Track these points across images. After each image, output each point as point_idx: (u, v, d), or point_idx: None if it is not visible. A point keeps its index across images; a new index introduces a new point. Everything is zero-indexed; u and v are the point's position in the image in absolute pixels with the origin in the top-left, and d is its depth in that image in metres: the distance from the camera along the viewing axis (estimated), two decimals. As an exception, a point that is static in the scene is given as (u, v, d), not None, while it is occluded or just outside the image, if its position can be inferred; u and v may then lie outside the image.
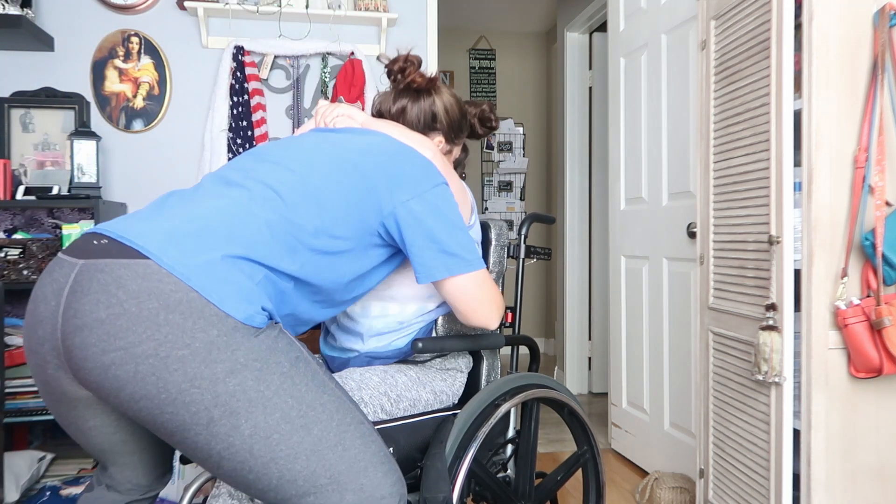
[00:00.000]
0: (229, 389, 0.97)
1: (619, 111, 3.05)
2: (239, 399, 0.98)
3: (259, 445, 1.00)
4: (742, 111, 1.72)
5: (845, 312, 1.50)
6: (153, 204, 1.16)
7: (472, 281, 1.30)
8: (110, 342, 0.94)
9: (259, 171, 1.19)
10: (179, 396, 0.96)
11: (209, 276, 1.00)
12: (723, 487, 1.83)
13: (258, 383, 1.00)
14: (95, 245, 1.02)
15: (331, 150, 1.26)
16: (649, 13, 2.78)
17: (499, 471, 1.67)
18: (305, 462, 1.03)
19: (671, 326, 2.61)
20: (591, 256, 4.17)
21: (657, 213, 2.71)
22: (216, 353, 0.97)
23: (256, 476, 1.02)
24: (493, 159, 5.50)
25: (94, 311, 0.95)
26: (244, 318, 1.00)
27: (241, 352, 0.99)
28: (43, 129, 2.78)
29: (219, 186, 1.17)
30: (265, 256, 1.08)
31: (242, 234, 1.07)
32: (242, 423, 0.98)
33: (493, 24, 5.47)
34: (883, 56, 1.53)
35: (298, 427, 1.02)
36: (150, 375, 0.95)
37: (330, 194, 1.18)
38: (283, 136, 3.03)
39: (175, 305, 0.96)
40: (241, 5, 2.90)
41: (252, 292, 1.04)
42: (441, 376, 1.60)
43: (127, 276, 0.97)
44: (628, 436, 2.95)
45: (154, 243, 1.01)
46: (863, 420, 1.56)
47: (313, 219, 1.15)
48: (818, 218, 1.54)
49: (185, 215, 1.08)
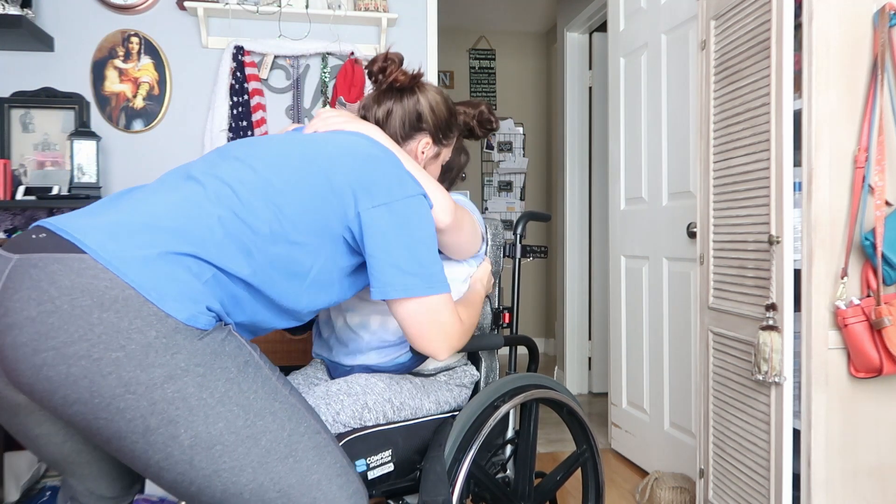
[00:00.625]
0: (167, 396, 0.91)
1: (619, 111, 3.05)
2: (178, 407, 0.91)
3: (200, 457, 0.93)
4: (742, 111, 1.71)
5: (845, 312, 1.49)
6: (108, 198, 1.09)
7: (427, 307, 1.18)
8: (41, 342, 0.88)
9: (220, 168, 1.11)
10: (113, 402, 0.89)
11: (149, 273, 0.92)
12: (723, 487, 1.83)
13: (200, 390, 0.93)
14: (33, 239, 0.96)
15: (300, 150, 1.17)
16: (649, 13, 2.78)
17: (498, 471, 1.67)
18: (252, 475, 0.97)
19: (671, 326, 2.60)
20: (591, 256, 4.17)
21: (657, 213, 2.71)
22: (153, 356, 0.90)
23: (199, 489, 0.96)
24: (493, 159, 5.50)
25: (25, 308, 0.89)
26: (186, 318, 0.93)
27: (182, 355, 0.92)
28: (43, 129, 2.78)
29: (177, 180, 1.10)
30: (215, 256, 1.00)
31: (192, 231, 1.00)
32: (182, 433, 0.92)
33: (493, 24, 5.47)
34: (883, 56, 1.52)
35: (244, 437, 0.96)
36: (82, 378, 0.88)
37: (290, 197, 1.10)
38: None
39: (110, 303, 0.89)
40: (241, 5, 2.90)
41: (198, 291, 0.96)
42: (446, 387, 1.60)
43: (60, 271, 0.90)
44: (628, 436, 2.94)
45: (92, 237, 0.94)
46: (863, 420, 1.56)
47: (270, 222, 1.07)
48: (818, 218, 1.53)
49: (132, 210, 1.01)
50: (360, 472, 1.33)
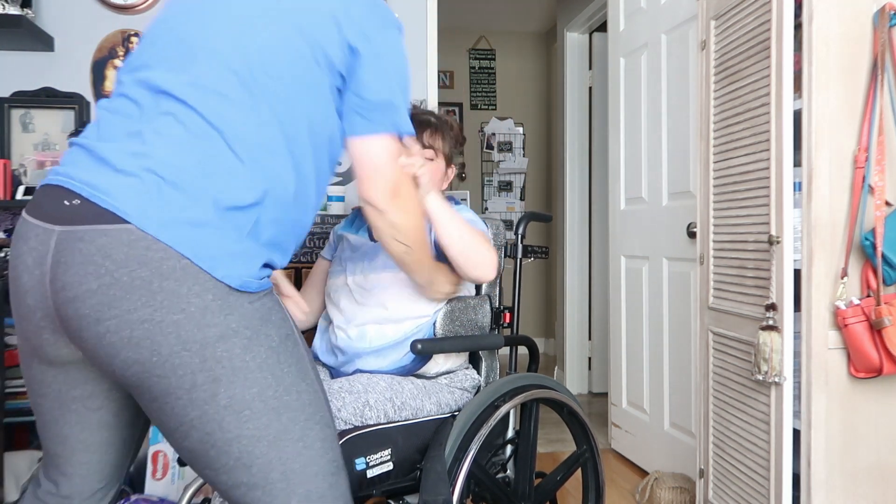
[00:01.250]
0: (217, 355, 0.95)
1: (619, 111, 3.05)
2: (224, 366, 0.95)
3: (230, 419, 0.96)
4: (742, 111, 1.71)
5: (845, 312, 1.49)
6: (98, 130, 1.03)
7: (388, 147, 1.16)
8: (104, 311, 0.92)
9: (195, 72, 1.02)
10: (170, 359, 0.93)
11: (199, 240, 0.95)
12: (723, 487, 1.83)
13: (245, 352, 0.97)
14: (67, 207, 0.96)
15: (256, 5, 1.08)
16: (649, 13, 2.78)
17: (498, 471, 1.67)
18: (265, 448, 0.99)
19: (671, 326, 2.60)
20: (591, 256, 4.17)
21: (657, 213, 2.71)
22: (210, 316, 0.94)
23: (217, 452, 0.98)
24: (493, 159, 5.50)
25: (84, 282, 0.92)
26: (239, 284, 0.97)
27: (234, 317, 0.96)
28: (43, 129, 2.77)
29: (158, 101, 1.01)
30: (242, 194, 0.99)
31: (219, 174, 0.98)
32: (221, 392, 0.96)
33: (493, 24, 5.47)
34: (883, 56, 1.52)
35: (271, 409, 0.99)
36: (144, 339, 0.93)
37: (283, 82, 1.04)
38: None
39: (169, 272, 0.92)
40: (240, 5, 2.90)
41: (246, 251, 0.99)
42: (448, 390, 1.60)
43: (110, 244, 0.92)
44: (628, 436, 2.94)
45: (129, 201, 0.94)
46: (863, 420, 1.56)
47: (274, 107, 1.03)
48: (818, 218, 1.53)
49: (149, 156, 0.96)
50: (360, 470, 1.33)
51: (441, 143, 1.65)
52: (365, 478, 1.34)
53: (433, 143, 1.62)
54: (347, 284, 1.60)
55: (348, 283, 1.61)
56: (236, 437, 0.97)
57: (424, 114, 1.67)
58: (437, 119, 1.67)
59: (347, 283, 1.61)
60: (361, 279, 1.59)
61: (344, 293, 1.61)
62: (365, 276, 1.59)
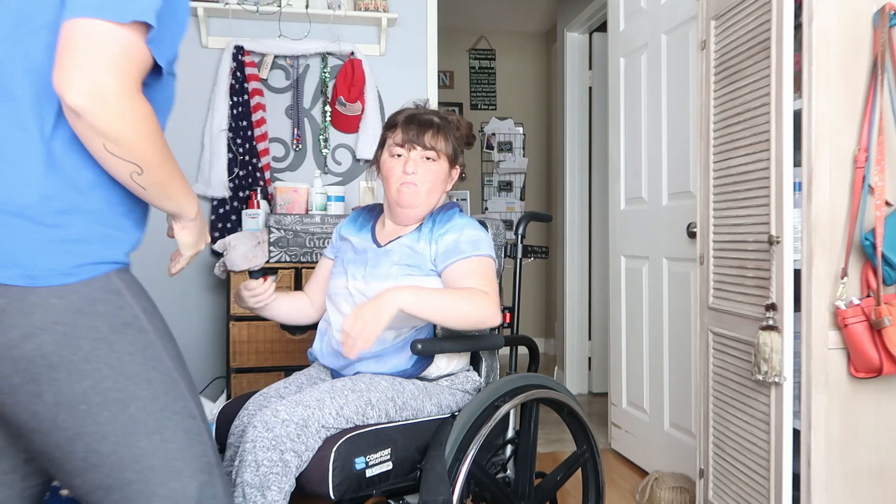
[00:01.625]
0: (27, 354, 0.89)
1: (619, 111, 3.05)
2: (38, 364, 0.89)
3: (64, 415, 0.90)
4: (742, 111, 1.71)
5: (845, 312, 1.49)
6: None
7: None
8: None
9: None
10: None
11: None
12: (723, 487, 1.83)
13: (60, 347, 0.90)
14: None
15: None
16: (649, 13, 2.78)
17: (498, 471, 1.67)
18: (114, 445, 0.91)
19: (671, 326, 2.60)
20: (591, 256, 4.17)
21: (657, 213, 2.71)
22: (8, 319, 0.89)
23: (62, 453, 0.92)
24: (492, 159, 5.50)
25: None
26: (27, 283, 0.90)
27: (38, 315, 0.89)
28: (43, 129, 2.77)
29: None
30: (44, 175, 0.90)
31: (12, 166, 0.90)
32: (45, 390, 0.90)
33: (493, 24, 5.47)
34: (883, 56, 1.52)
35: (112, 400, 0.91)
36: None
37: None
38: (283, 137, 3.03)
39: None
40: (240, 5, 2.90)
41: (37, 243, 0.91)
42: (448, 391, 1.60)
43: None
44: (628, 436, 2.94)
45: None
46: (863, 420, 1.56)
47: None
48: (818, 218, 1.54)
49: None
50: (359, 469, 1.33)
51: (444, 144, 1.62)
52: (364, 477, 1.34)
53: (435, 145, 1.61)
54: (348, 289, 1.60)
55: (349, 287, 1.60)
56: (77, 435, 0.91)
57: (427, 114, 1.65)
58: (440, 119, 1.65)
59: (348, 288, 1.60)
60: (363, 285, 1.58)
61: (345, 297, 1.60)
62: (367, 282, 1.57)
